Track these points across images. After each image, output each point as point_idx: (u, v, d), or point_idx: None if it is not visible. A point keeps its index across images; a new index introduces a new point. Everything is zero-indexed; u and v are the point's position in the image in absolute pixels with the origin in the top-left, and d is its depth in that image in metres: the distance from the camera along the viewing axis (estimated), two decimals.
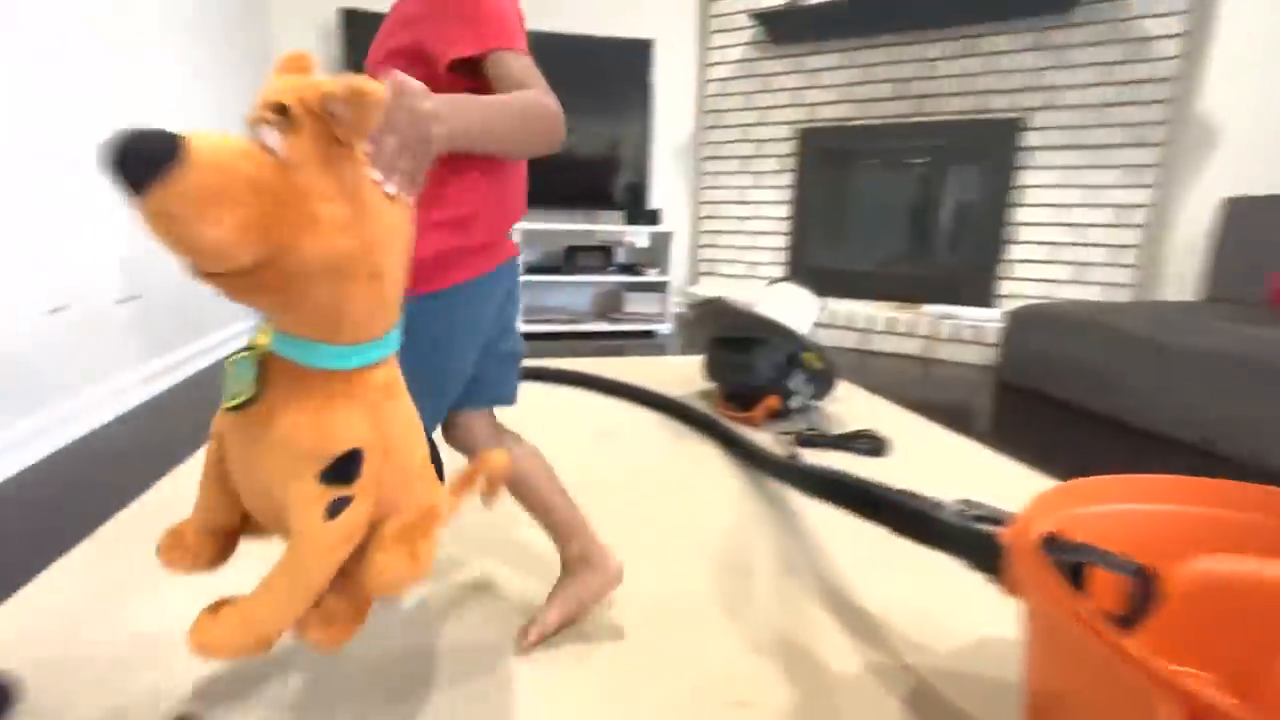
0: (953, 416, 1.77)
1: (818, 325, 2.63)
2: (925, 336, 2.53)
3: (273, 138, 0.38)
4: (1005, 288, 2.68)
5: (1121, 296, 2.48)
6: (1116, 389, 1.74)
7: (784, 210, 3.14)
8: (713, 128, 3.25)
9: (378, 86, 0.39)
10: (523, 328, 2.80)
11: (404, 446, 0.52)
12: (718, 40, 3.15)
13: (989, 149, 2.65)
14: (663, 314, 2.97)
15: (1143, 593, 0.53)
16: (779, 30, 2.90)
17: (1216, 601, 0.61)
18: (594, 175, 3.06)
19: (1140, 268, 2.46)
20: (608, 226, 3.07)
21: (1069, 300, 2.44)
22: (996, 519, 0.64)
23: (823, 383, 1.64)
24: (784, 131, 3.08)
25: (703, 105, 3.28)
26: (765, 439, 1.48)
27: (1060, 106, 2.50)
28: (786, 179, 3.11)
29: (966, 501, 0.69)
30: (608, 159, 3.06)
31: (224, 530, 0.57)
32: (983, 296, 2.70)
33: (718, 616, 0.86)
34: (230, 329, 2.35)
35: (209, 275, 0.39)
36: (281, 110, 0.38)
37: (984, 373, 2.33)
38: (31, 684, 0.68)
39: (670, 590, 0.91)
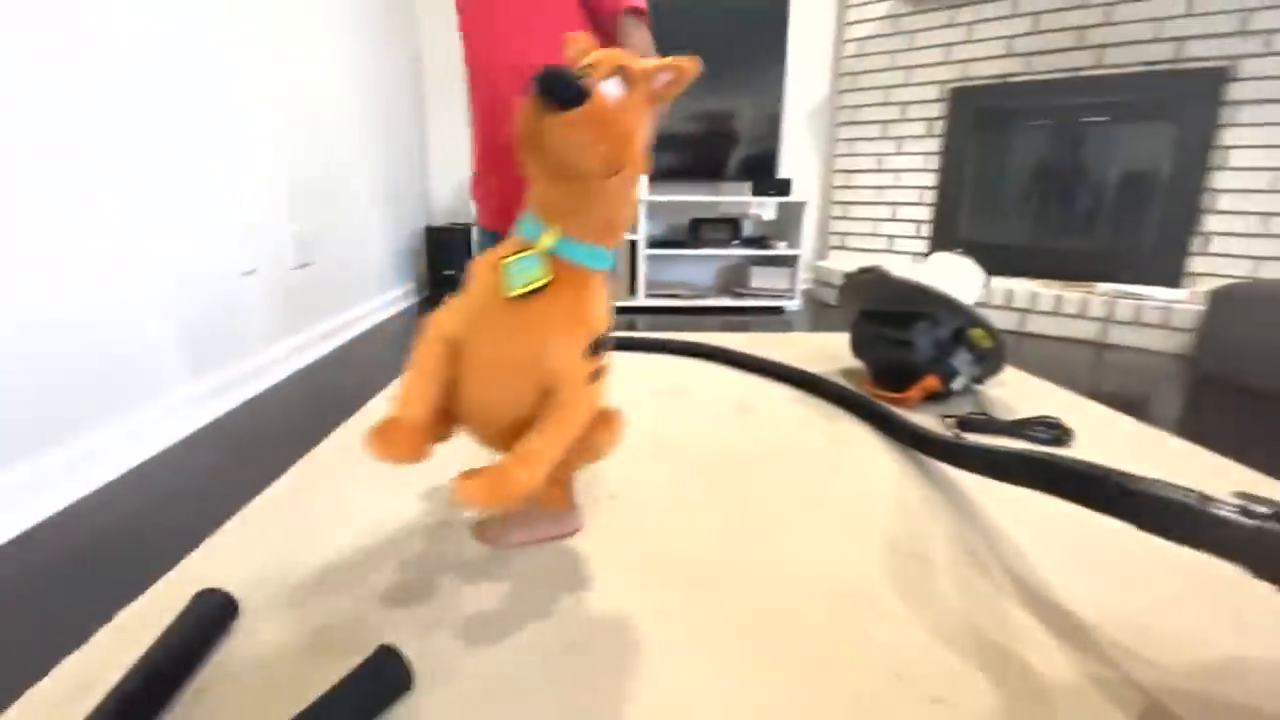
0: (1137, 406, 1.56)
1: (979, 304, 2.44)
2: (1099, 319, 2.25)
3: (616, 88, 0.53)
4: (1198, 264, 2.32)
5: None
6: None
7: (929, 179, 2.90)
8: (850, 90, 3.06)
9: (695, 65, 0.53)
10: (645, 302, 2.81)
11: None
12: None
13: (1184, 105, 2.28)
14: (791, 289, 2.86)
15: None
16: None
17: None
18: (721, 144, 2.98)
19: None
20: (734, 198, 2.98)
21: (1264, 279, 2.07)
22: None
23: (991, 363, 1.50)
24: (932, 92, 2.83)
25: (839, 67, 3.09)
26: (924, 422, 1.38)
27: (1276, 53, 2.10)
28: (933, 144, 2.87)
29: (1244, 494, 0.58)
30: (735, 127, 2.96)
31: (428, 424, 0.63)
32: (1171, 275, 2.35)
33: (898, 604, 0.80)
34: (380, 297, 2.54)
35: (567, 177, 0.54)
36: (621, 71, 0.53)
37: (1173, 360, 2.04)
38: (245, 603, 0.76)
39: (841, 574, 0.86)
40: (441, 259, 2.74)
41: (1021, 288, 2.42)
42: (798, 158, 3.23)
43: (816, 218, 3.32)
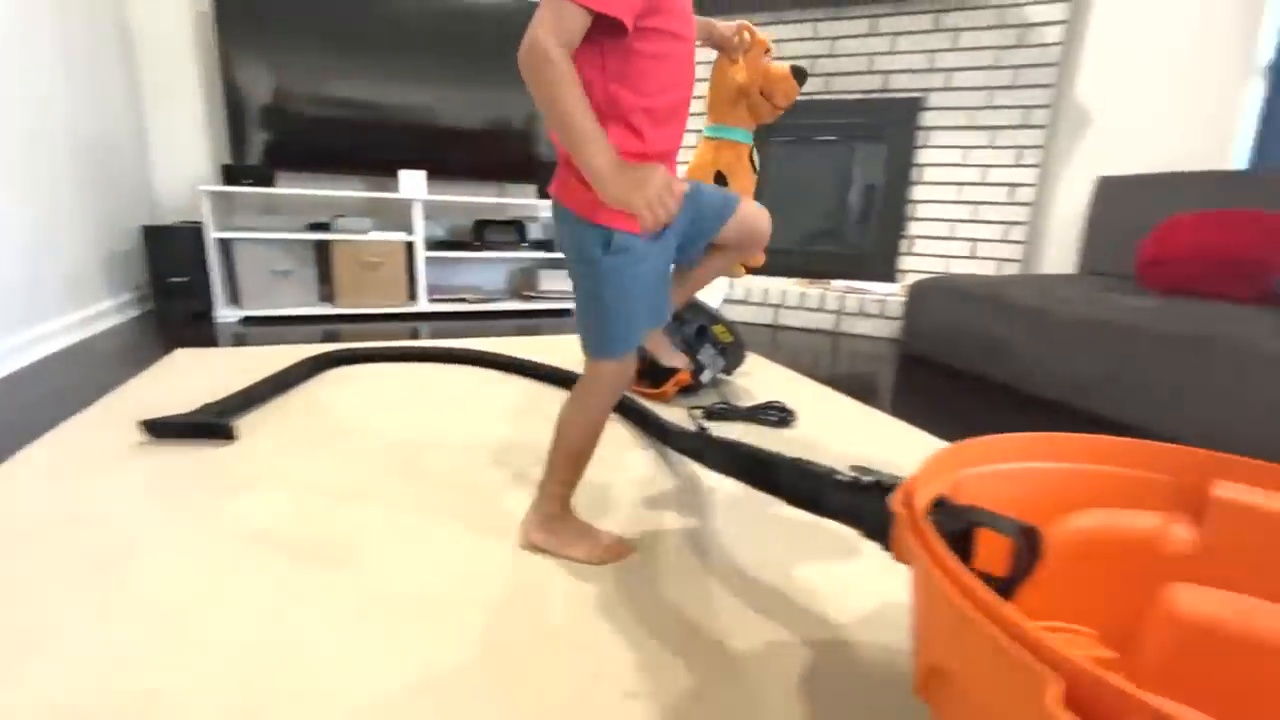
0: (858, 386, 1.81)
1: (728, 301, 2.66)
2: (834, 311, 2.59)
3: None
4: (907, 263, 2.78)
5: (1011, 271, 2.62)
6: (1006, 356, 1.83)
7: None
8: None
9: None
10: (430, 307, 2.65)
11: None
12: None
13: (892, 128, 2.72)
14: None
15: (1026, 552, 0.52)
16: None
17: (1096, 555, 0.62)
18: (503, 146, 2.91)
19: (1028, 243, 2.61)
20: (520, 200, 2.93)
21: (963, 274, 2.56)
22: (890, 485, 0.62)
23: (733, 356, 1.62)
24: (697, 106, 3.04)
25: None
26: (676, 415, 1.45)
27: (956, 88, 2.59)
28: None
29: (860, 468, 0.66)
30: (517, 129, 2.91)
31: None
32: (888, 272, 2.79)
33: (615, 601, 0.81)
34: (78, 313, 2.06)
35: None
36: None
37: (889, 345, 2.41)
38: None
39: (566, 575, 0.85)
40: (166, 264, 2.30)
41: (776, 285, 2.70)
42: None
43: None
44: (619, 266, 0.75)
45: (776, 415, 1.45)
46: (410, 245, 2.58)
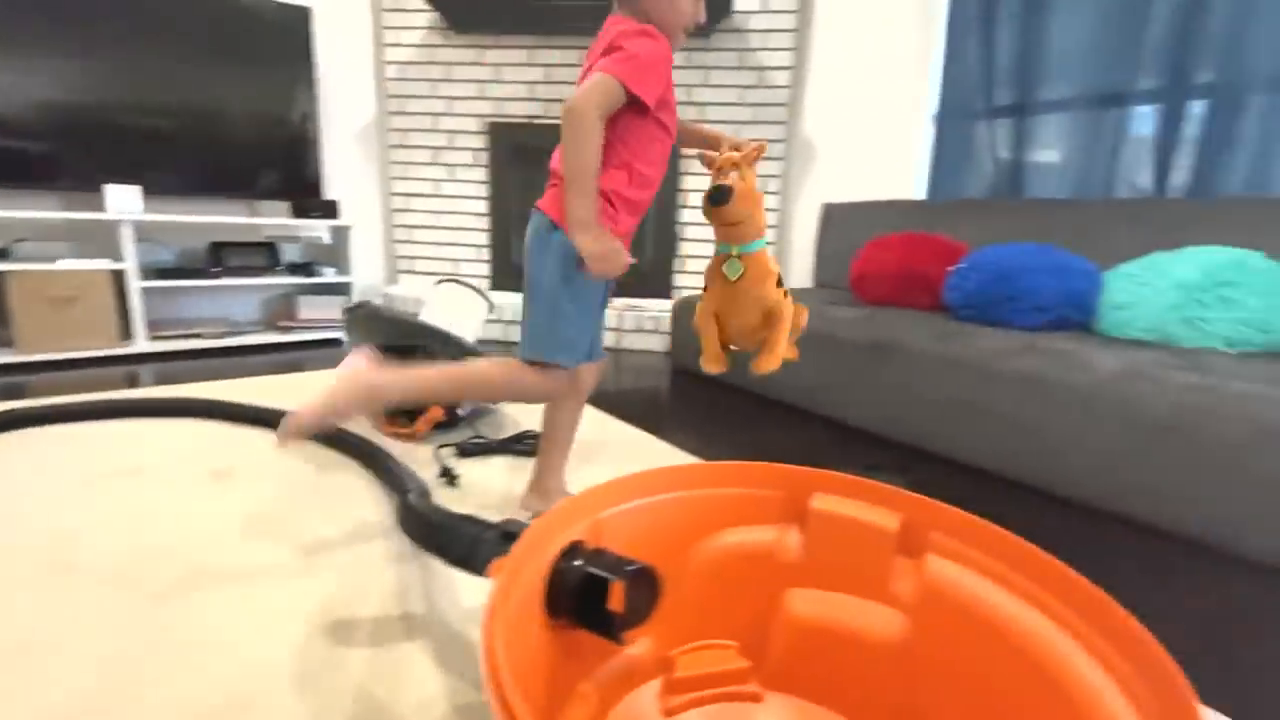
0: (626, 404, 1.87)
1: (491, 321, 2.63)
2: (613, 329, 2.68)
3: (735, 175, 0.96)
4: (681, 280, 2.98)
5: None
6: (747, 365, 2.02)
7: (482, 206, 3.05)
8: (398, 114, 3.00)
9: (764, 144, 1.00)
10: (152, 346, 2.25)
11: None
12: (392, 19, 2.90)
13: None
14: None
15: (638, 592, 0.54)
16: (456, 18, 2.77)
17: (730, 572, 0.68)
18: (250, 159, 2.58)
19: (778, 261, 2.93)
20: (275, 220, 2.62)
21: None
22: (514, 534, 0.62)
23: None
24: (474, 124, 2.98)
25: (385, 88, 3.00)
26: (424, 455, 1.37)
27: (709, 121, 2.83)
28: (481, 174, 3.02)
29: (512, 521, 0.66)
30: (268, 140, 2.61)
31: (721, 349, 1.08)
32: (663, 288, 2.96)
33: (288, 698, 0.72)
34: None
35: (731, 225, 0.97)
36: (734, 164, 0.97)
37: (665, 359, 2.55)
38: None
39: (250, 658, 0.74)
40: None
41: None
42: (351, 179, 3.03)
43: (381, 242, 3.18)
44: (584, 278, 0.94)
45: (533, 444, 1.44)
46: (119, 274, 2.17)
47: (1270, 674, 0.83)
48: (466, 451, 1.40)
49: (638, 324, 2.67)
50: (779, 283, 1.07)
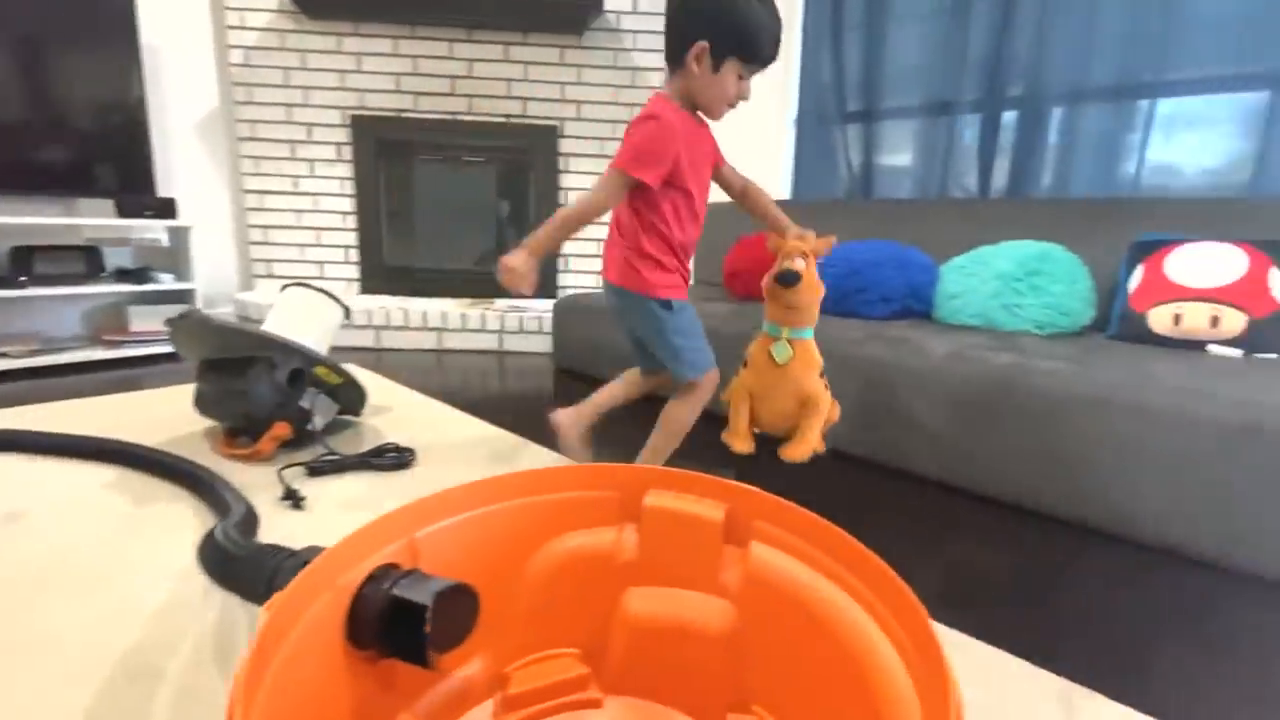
0: (511, 407, 1.82)
1: (361, 327, 2.49)
2: (495, 330, 2.60)
3: (803, 261, 1.08)
4: (565, 280, 2.95)
5: None
6: (627, 363, 2.04)
7: (348, 204, 2.86)
8: (246, 103, 2.74)
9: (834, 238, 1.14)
10: None
11: None
12: (234, 1, 2.65)
13: (535, 152, 2.85)
14: None
15: (461, 612, 0.52)
16: (306, 2, 2.57)
17: (568, 578, 0.66)
18: (64, 151, 2.26)
19: None
20: (96, 220, 2.31)
21: (597, 291, 2.79)
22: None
23: (349, 398, 1.48)
24: (335, 117, 2.78)
25: (229, 75, 2.73)
26: (268, 476, 1.26)
27: (585, 119, 2.82)
28: (345, 169, 2.83)
29: (314, 549, 0.61)
30: (86, 130, 2.29)
31: (750, 429, 1.19)
32: (549, 289, 2.92)
33: None
34: None
35: (793, 310, 1.10)
36: (804, 254, 1.09)
37: (549, 359, 2.51)
38: None
39: None
40: None
41: (437, 308, 2.61)
42: (194, 175, 2.74)
43: (234, 244, 2.90)
44: (676, 315, 1.18)
45: (394, 458, 1.36)
46: None
47: (1069, 617, 0.94)
48: (317, 470, 1.30)
49: (520, 325, 2.61)
50: (821, 373, 1.13)
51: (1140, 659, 0.85)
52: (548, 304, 2.73)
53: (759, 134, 2.82)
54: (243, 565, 0.63)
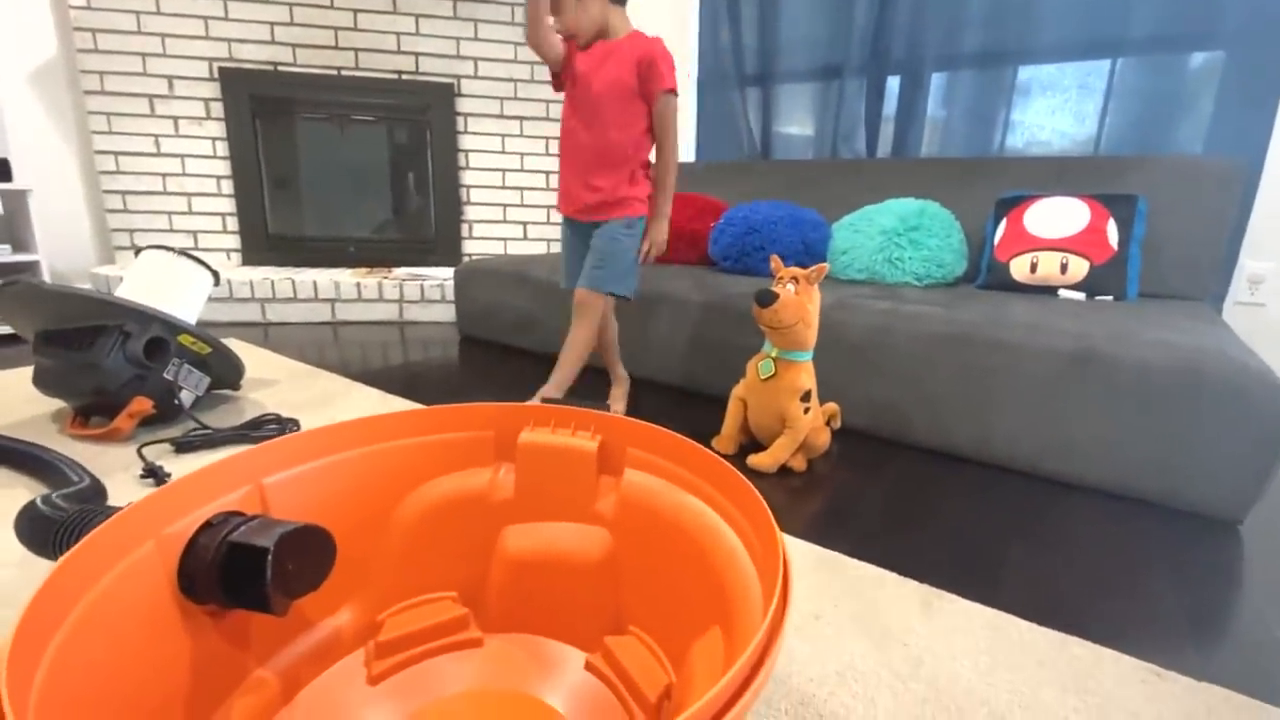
0: (417, 378, 1.76)
1: (244, 300, 2.32)
2: (394, 300, 2.49)
3: (792, 286, 1.16)
4: (470, 247, 2.85)
5: (557, 250, 2.91)
6: (534, 327, 2.01)
7: (222, 167, 2.61)
8: (91, 51, 2.43)
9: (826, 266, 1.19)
10: None
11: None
12: None
13: (430, 111, 2.71)
14: None
15: (312, 555, 0.49)
16: None
17: (444, 521, 0.65)
18: None
19: None
20: None
21: (498, 255, 2.72)
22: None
23: (221, 368, 1.37)
24: (201, 69, 2.52)
25: (69, 19, 2.40)
26: (125, 456, 1.15)
27: (485, 77, 2.71)
28: (216, 128, 2.58)
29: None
30: None
31: (740, 435, 1.27)
32: (452, 256, 2.81)
33: None
34: None
35: (774, 330, 1.16)
36: (794, 279, 1.16)
37: (452, 328, 2.43)
38: None
39: None
40: None
41: (329, 278, 2.46)
42: (32, 133, 2.42)
43: (88, 213, 2.60)
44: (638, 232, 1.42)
45: (274, 429, 1.28)
46: None
47: (933, 534, 1.02)
48: (186, 446, 1.20)
49: (422, 294, 2.50)
50: (805, 397, 1.17)
51: (989, 564, 0.94)
52: (448, 271, 2.63)
53: None
54: (50, 525, 0.57)
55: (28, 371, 1.49)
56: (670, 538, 0.57)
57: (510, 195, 2.86)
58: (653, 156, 1.36)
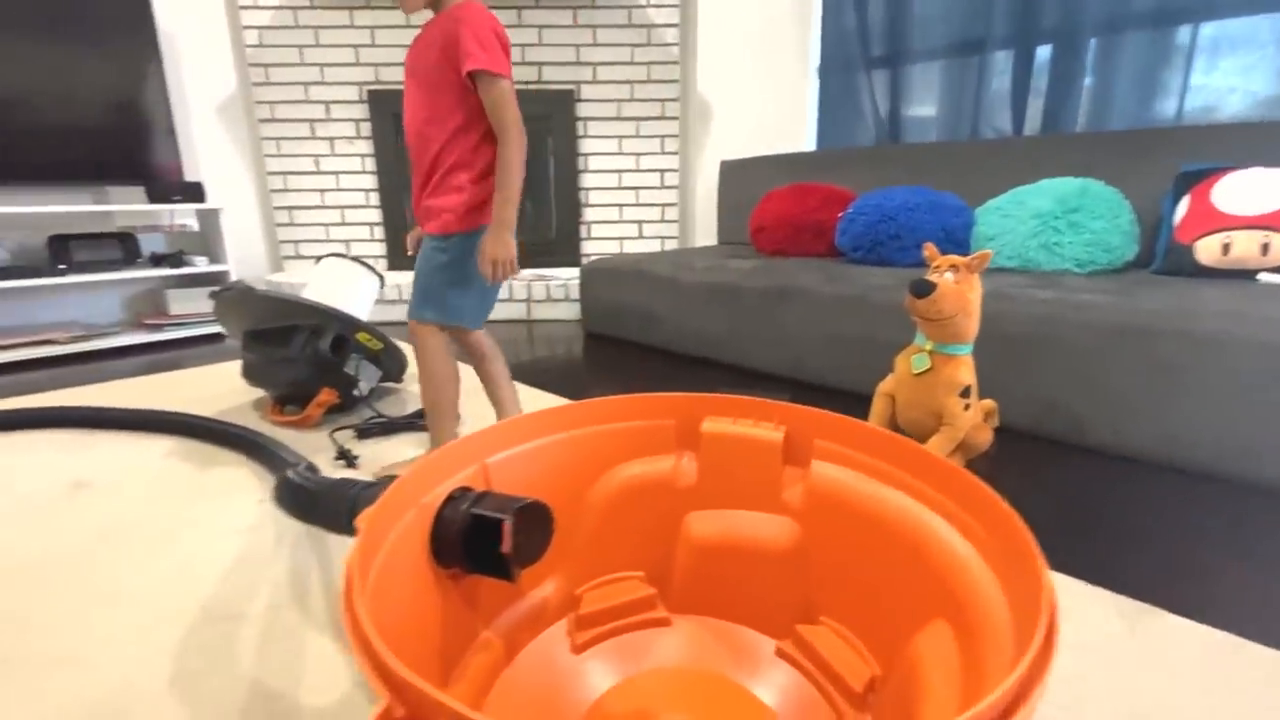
0: (545, 372, 1.85)
1: (389, 302, 2.52)
2: (523, 300, 2.62)
3: (952, 275, 1.05)
4: (588, 247, 2.95)
5: (672, 247, 2.94)
6: (656, 323, 2.05)
7: (370, 181, 2.87)
8: (264, 84, 2.75)
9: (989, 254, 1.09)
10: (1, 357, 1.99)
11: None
12: None
13: (554, 117, 2.82)
14: None
15: (528, 529, 0.53)
16: None
17: (632, 504, 0.68)
18: (90, 140, 2.29)
19: (681, 221, 2.96)
20: (129, 206, 2.36)
21: (619, 254, 2.79)
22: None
23: (389, 362, 1.51)
24: (352, 93, 2.78)
25: (245, 56, 2.74)
26: (318, 441, 1.30)
27: (602, 81, 2.78)
28: (365, 146, 2.83)
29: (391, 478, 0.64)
30: (110, 118, 2.32)
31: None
32: (572, 256, 2.92)
33: (167, 700, 0.66)
34: None
35: (930, 321, 1.07)
36: (953, 266, 1.06)
37: (576, 326, 2.52)
38: None
39: (122, 680, 0.68)
40: None
41: None
42: (219, 158, 2.77)
43: (260, 226, 2.94)
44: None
45: None
46: None
47: (1122, 543, 0.94)
48: (366, 432, 1.33)
49: (547, 293, 2.62)
50: (965, 393, 1.07)
51: (1190, 575, 0.85)
52: (573, 271, 2.73)
53: (779, 85, 2.77)
54: (322, 497, 0.66)
55: (233, 366, 1.72)
56: (867, 530, 0.57)
57: (626, 195, 2.92)
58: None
